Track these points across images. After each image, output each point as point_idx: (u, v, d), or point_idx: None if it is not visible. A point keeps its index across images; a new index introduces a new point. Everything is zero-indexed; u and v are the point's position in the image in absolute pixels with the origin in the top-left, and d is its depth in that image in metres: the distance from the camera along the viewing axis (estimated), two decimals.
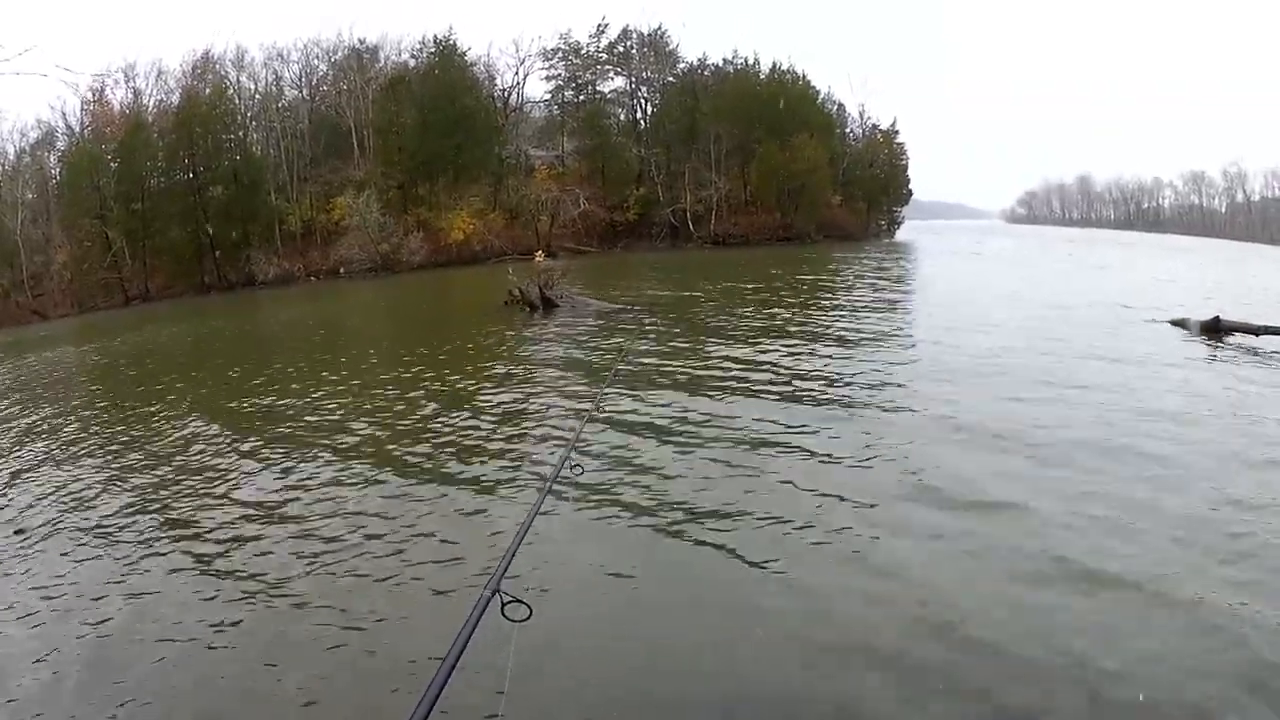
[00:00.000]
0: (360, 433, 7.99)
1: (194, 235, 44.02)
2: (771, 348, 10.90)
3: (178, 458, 7.88)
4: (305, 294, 35.93)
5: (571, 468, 3.18)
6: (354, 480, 6.40)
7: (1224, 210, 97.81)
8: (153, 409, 10.78)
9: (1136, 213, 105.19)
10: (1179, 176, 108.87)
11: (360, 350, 14.55)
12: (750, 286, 20.59)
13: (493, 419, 8.01)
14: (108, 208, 43.60)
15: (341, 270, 42.29)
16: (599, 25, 50.01)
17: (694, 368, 9.79)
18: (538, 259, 20.79)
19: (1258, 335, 10.13)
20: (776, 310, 15.25)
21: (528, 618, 1.80)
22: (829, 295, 17.99)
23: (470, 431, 7.60)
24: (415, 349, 13.48)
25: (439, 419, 8.22)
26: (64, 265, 44.27)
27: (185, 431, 8.98)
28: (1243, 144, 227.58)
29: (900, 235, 50.43)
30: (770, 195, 46.47)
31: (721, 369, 9.65)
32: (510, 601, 1.77)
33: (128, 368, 16.85)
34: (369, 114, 45.81)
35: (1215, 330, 10.66)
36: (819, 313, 14.86)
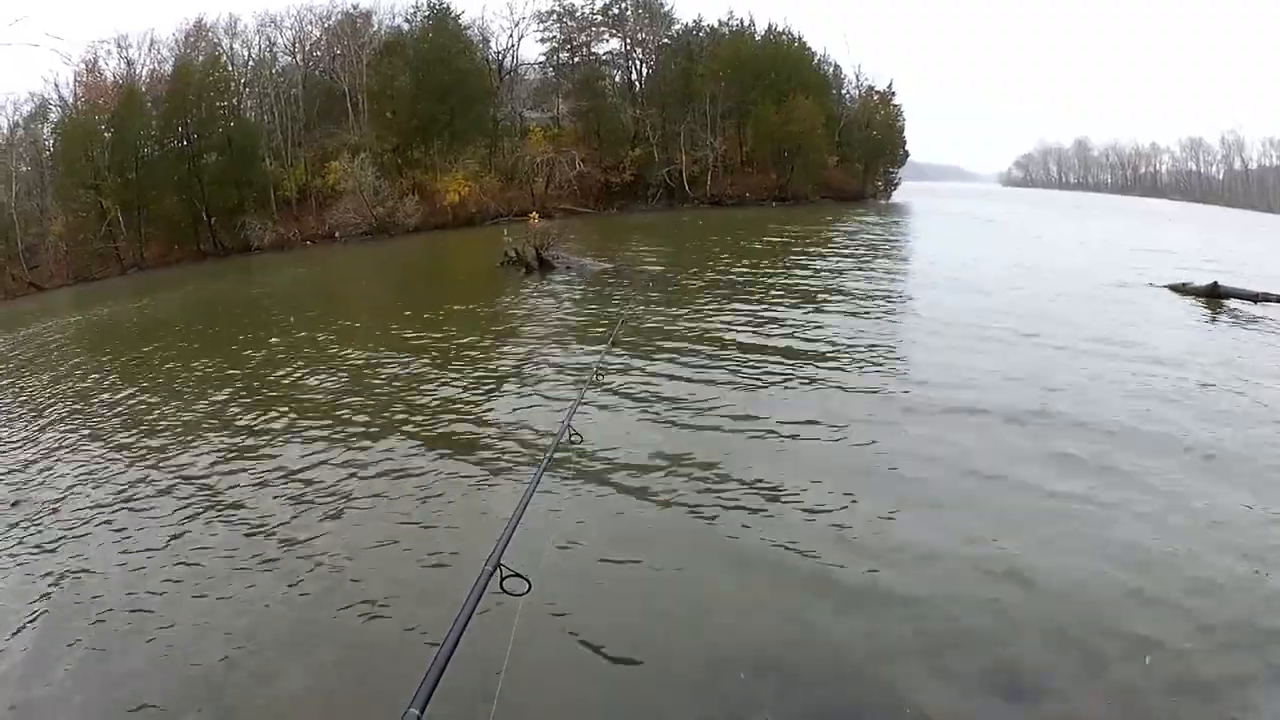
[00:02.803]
0: (357, 403, 7.91)
1: (189, 203, 43.86)
2: (771, 310, 10.88)
3: (155, 434, 7.83)
4: (301, 259, 35.78)
5: (570, 438, 3.17)
6: (352, 452, 6.33)
7: (1221, 177, 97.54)
8: (138, 381, 10.77)
9: (1134, 178, 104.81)
10: (1177, 142, 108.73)
11: (356, 316, 14.44)
12: (744, 247, 20.36)
13: (491, 386, 8.00)
14: (102, 178, 43.36)
15: (337, 234, 42.15)
16: None
17: (691, 330, 9.73)
18: (532, 220, 20.82)
19: (1255, 302, 10.33)
20: (770, 271, 15.11)
21: (528, 591, 1.81)
22: (825, 258, 17.54)
23: (469, 400, 7.56)
24: (412, 313, 13.42)
25: (437, 387, 8.18)
26: (59, 237, 44.11)
27: (172, 406, 8.89)
28: (1241, 111, 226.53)
29: (897, 197, 50.15)
30: (767, 156, 46.35)
31: (719, 331, 9.60)
32: (510, 575, 1.81)
33: (132, 333, 16.92)
34: (363, 78, 45.52)
35: (1214, 295, 10.88)
36: (814, 275, 14.53)
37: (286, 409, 8.00)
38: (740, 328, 9.53)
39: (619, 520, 4.63)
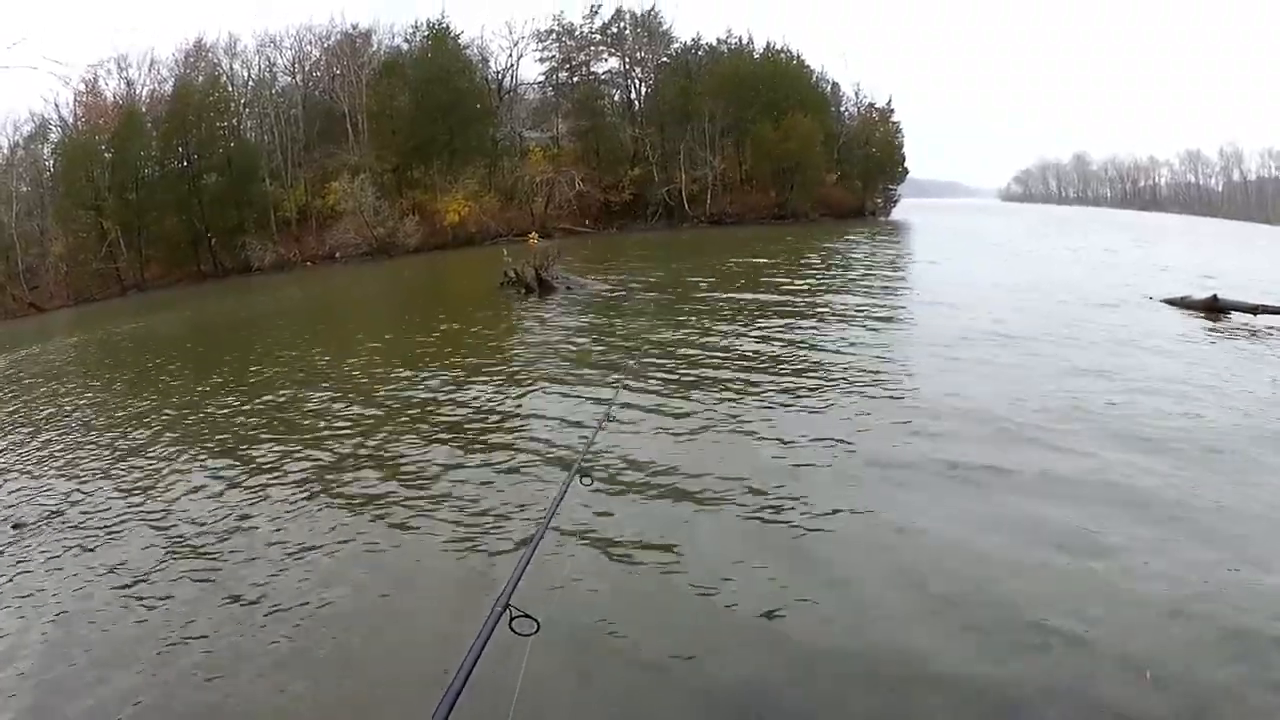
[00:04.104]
0: (356, 436, 7.63)
1: (189, 223, 44.10)
2: (776, 332, 10.76)
3: (153, 460, 7.73)
4: (301, 280, 35.87)
5: (582, 480, 3.10)
6: (352, 488, 6.15)
7: (1221, 189, 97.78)
8: (135, 403, 10.73)
9: (1133, 191, 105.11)
10: (1175, 155, 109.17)
11: (357, 342, 14.03)
12: (738, 272, 20.00)
13: (496, 419, 7.73)
14: (102, 198, 43.58)
15: (337, 255, 42.25)
16: (592, 6, 50.05)
17: (699, 358, 9.49)
18: (531, 240, 20.70)
19: (1255, 314, 10.32)
20: (774, 292, 14.87)
21: (536, 632, 1.79)
22: (821, 282, 17.06)
23: (474, 432, 7.28)
24: (414, 337, 13.20)
25: (439, 419, 7.91)
26: (59, 257, 44.21)
27: (170, 432, 8.74)
28: (1238, 123, 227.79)
29: (896, 214, 50.17)
30: (766, 174, 46.39)
31: (728, 358, 9.39)
32: (519, 616, 1.80)
33: (131, 354, 16.86)
34: (363, 98, 45.70)
35: (1213, 309, 10.86)
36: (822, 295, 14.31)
37: (283, 438, 7.84)
38: (746, 366, 9.19)
39: (631, 560, 4.54)
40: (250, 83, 47.77)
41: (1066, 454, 5.49)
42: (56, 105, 47.52)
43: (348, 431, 7.80)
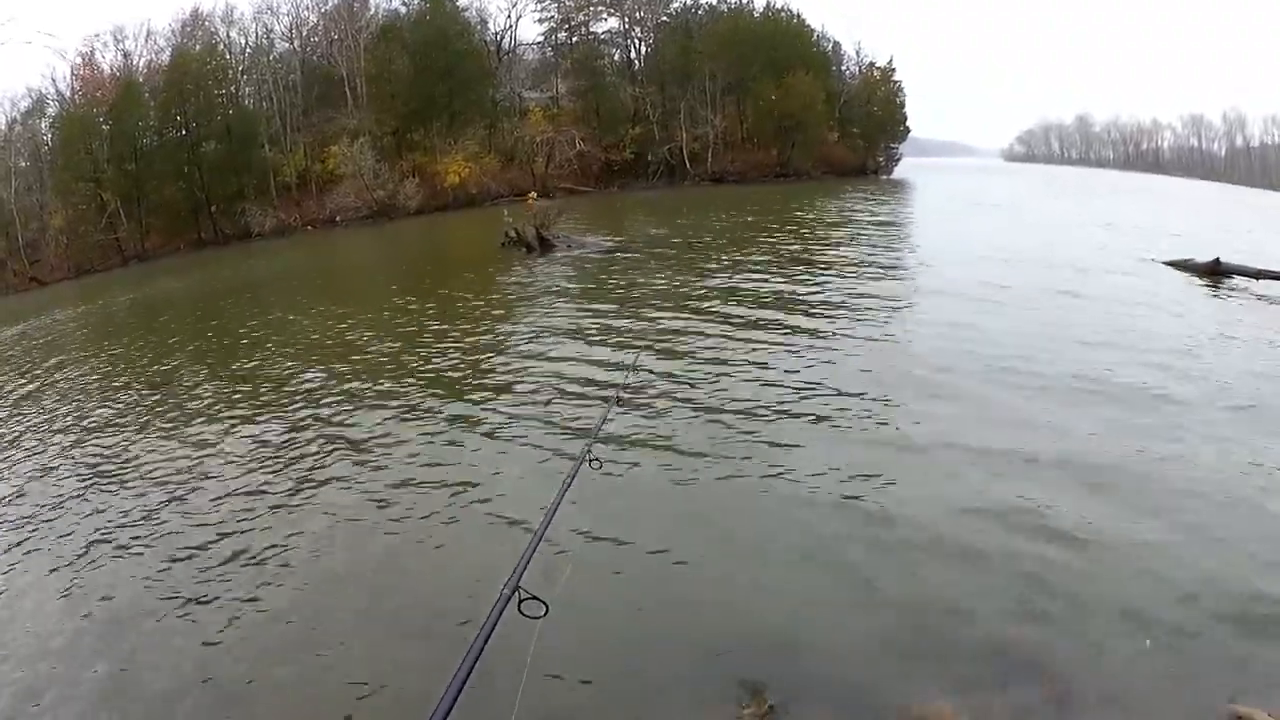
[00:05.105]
0: (362, 410, 7.44)
1: (189, 192, 43.93)
2: (781, 298, 10.53)
3: (155, 439, 7.62)
4: (301, 244, 35.77)
5: (590, 461, 3.06)
6: (358, 467, 6.02)
7: (1224, 154, 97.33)
8: (134, 378, 10.66)
9: (1135, 154, 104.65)
10: (1178, 119, 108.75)
11: (356, 307, 13.72)
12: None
13: (501, 393, 7.44)
14: (101, 170, 43.31)
15: (338, 219, 42.07)
16: None
17: (705, 328, 9.08)
18: (530, 201, 20.77)
19: (1257, 279, 10.39)
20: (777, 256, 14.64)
21: (545, 614, 1.79)
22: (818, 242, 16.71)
23: (479, 410, 7.02)
24: (413, 302, 13.08)
25: (442, 392, 7.68)
26: (60, 230, 44.04)
27: (172, 411, 8.57)
28: (1242, 88, 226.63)
29: (898, 172, 50.02)
30: (767, 133, 46.22)
31: (735, 324, 9.12)
32: (528, 599, 1.79)
33: (129, 324, 17.03)
34: (361, 62, 45.46)
35: (1215, 272, 10.95)
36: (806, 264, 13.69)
37: (285, 413, 7.66)
38: (751, 335, 8.75)
39: (641, 543, 4.46)
40: (247, 50, 47.50)
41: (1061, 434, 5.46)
42: (53, 80, 47.46)
43: (344, 403, 7.68)
